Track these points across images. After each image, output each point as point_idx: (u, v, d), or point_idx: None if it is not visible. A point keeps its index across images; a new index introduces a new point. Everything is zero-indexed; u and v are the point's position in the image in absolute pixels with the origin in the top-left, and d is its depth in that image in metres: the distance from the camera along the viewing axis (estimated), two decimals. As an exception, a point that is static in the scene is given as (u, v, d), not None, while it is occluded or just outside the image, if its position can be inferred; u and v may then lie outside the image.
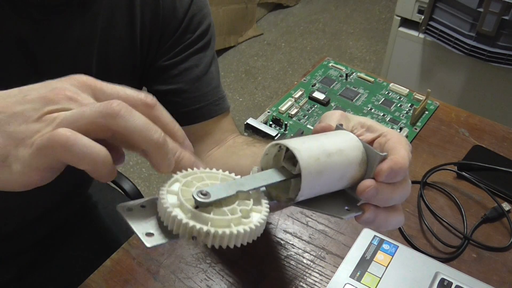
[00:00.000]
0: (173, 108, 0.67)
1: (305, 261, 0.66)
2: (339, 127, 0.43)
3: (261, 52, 2.43)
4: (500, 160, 0.80)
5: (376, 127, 0.45)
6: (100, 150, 0.33)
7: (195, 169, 0.37)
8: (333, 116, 0.46)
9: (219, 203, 0.35)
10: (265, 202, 0.37)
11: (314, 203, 0.41)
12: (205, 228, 0.32)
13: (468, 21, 1.48)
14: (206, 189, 0.35)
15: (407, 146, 0.42)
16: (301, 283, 0.64)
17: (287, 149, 0.39)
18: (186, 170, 0.37)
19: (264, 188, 0.39)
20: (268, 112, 0.89)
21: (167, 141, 0.35)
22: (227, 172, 0.39)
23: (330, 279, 0.63)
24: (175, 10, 0.63)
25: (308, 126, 0.87)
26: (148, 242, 0.33)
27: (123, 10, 0.60)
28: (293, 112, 0.88)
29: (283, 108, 0.89)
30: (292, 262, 0.66)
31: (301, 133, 0.84)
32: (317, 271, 0.65)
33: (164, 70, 0.65)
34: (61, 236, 0.81)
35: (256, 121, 0.85)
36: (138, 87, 0.70)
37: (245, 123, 0.84)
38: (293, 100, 0.91)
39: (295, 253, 0.67)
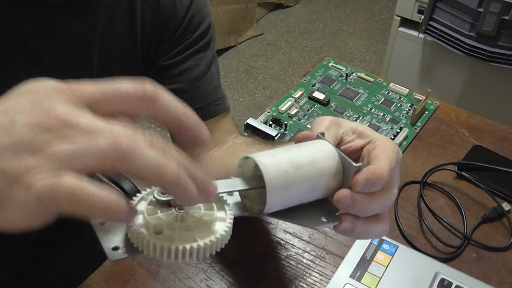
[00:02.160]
0: None
1: (305, 261, 0.66)
2: (319, 136, 0.42)
3: (261, 52, 2.43)
4: (500, 160, 0.80)
5: (367, 133, 0.45)
6: (110, 198, 0.29)
7: (141, 193, 0.37)
8: (323, 122, 0.45)
9: (184, 214, 0.35)
10: (228, 210, 0.37)
11: (288, 213, 0.40)
12: (171, 246, 0.33)
13: (468, 21, 1.48)
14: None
15: (392, 155, 0.42)
16: (301, 283, 0.64)
17: None
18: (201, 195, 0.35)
19: (239, 199, 0.40)
20: (268, 112, 0.89)
21: (182, 175, 0.31)
22: None
23: (330, 279, 0.63)
24: (176, 10, 0.63)
25: (308, 126, 0.87)
26: (112, 257, 0.34)
27: (124, 9, 0.60)
28: (293, 112, 0.88)
29: (283, 108, 0.89)
30: (292, 262, 0.66)
31: (301, 133, 0.84)
32: (317, 271, 0.65)
33: (164, 70, 0.65)
34: (61, 236, 0.81)
35: (256, 121, 0.85)
36: None
37: (245, 123, 0.84)
38: (293, 100, 0.91)
39: (295, 253, 0.67)
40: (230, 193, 0.39)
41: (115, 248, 0.34)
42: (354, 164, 0.39)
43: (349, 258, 0.65)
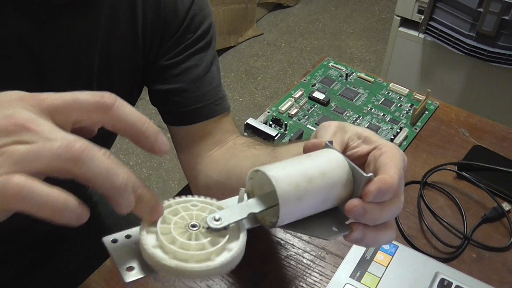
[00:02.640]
0: (173, 108, 0.67)
1: (305, 261, 0.66)
2: (328, 144, 0.42)
3: (261, 52, 2.43)
4: (500, 160, 0.80)
5: (373, 138, 0.45)
6: (59, 197, 0.30)
7: (171, 200, 0.37)
8: (329, 128, 0.45)
9: (198, 231, 0.35)
10: (242, 225, 0.37)
11: (299, 224, 0.40)
12: (187, 267, 0.33)
13: (468, 21, 1.48)
14: (219, 214, 0.36)
15: (400, 162, 0.42)
16: (301, 283, 0.64)
17: None
18: (147, 211, 0.35)
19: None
20: (268, 112, 0.89)
21: (128, 185, 0.32)
22: (202, 198, 0.38)
23: (330, 279, 0.63)
24: (177, 9, 0.63)
25: (308, 126, 0.87)
26: (127, 277, 0.33)
27: (125, 9, 0.60)
28: (293, 112, 0.88)
29: (283, 108, 0.89)
30: (292, 262, 0.66)
31: (301, 133, 0.84)
32: (317, 271, 0.65)
33: (165, 70, 0.65)
34: (61, 236, 0.81)
35: (256, 121, 0.85)
36: (140, 86, 0.70)
37: (245, 123, 0.84)
38: (293, 100, 0.91)
39: (295, 253, 0.67)
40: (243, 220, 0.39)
41: (130, 268, 0.34)
42: (365, 174, 0.39)
43: (349, 258, 0.65)
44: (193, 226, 0.35)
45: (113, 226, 0.88)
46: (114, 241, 0.35)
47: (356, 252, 0.66)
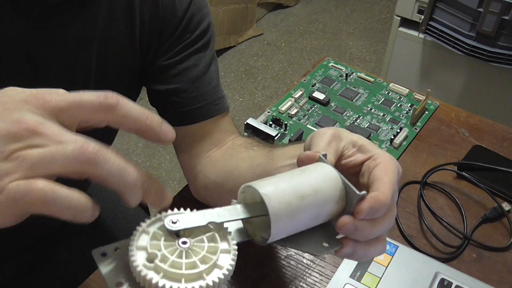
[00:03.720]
0: (172, 108, 0.67)
1: (305, 261, 0.66)
2: (322, 158, 0.42)
3: (261, 52, 2.43)
4: (500, 160, 0.80)
5: (368, 147, 0.44)
6: (80, 199, 0.31)
7: (162, 213, 0.37)
8: (324, 137, 0.44)
9: (188, 249, 0.35)
10: (231, 240, 0.37)
11: (290, 240, 0.40)
12: (179, 286, 0.33)
13: (468, 21, 1.48)
14: (177, 217, 0.35)
15: (394, 176, 0.41)
16: (301, 283, 0.64)
17: None
18: (157, 201, 0.36)
19: (241, 225, 0.39)
20: (268, 112, 0.89)
21: (138, 182, 0.33)
22: (193, 212, 0.38)
23: (330, 279, 0.63)
24: (175, 9, 0.63)
25: (308, 126, 0.87)
26: None
27: (123, 9, 0.60)
28: (293, 112, 0.88)
29: (283, 108, 0.89)
30: (292, 262, 0.66)
31: (301, 133, 0.84)
32: (317, 271, 0.65)
33: (163, 70, 0.65)
34: (61, 236, 0.81)
35: (256, 121, 0.85)
36: (138, 86, 0.70)
37: (245, 123, 0.84)
38: (293, 100, 0.91)
39: (295, 253, 0.67)
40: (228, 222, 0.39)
41: (119, 284, 0.34)
42: (358, 192, 0.39)
43: (349, 258, 0.65)
44: (184, 242, 0.35)
45: (113, 226, 0.88)
46: (104, 254, 0.35)
47: (356, 252, 0.66)
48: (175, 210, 0.37)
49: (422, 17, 1.58)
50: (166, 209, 0.37)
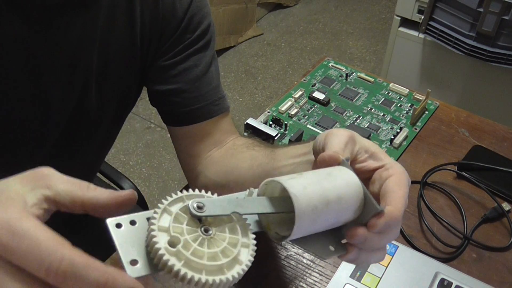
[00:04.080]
0: (172, 108, 0.67)
1: (305, 261, 0.66)
2: (345, 162, 0.42)
3: (261, 52, 2.43)
4: (500, 160, 0.80)
5: (380, 156, 0.45)
6: None
7: (184, 193, 0.36)
8: (341, 138, 0.44)
9: (210, 237, 0.34)
10: (251, 234, 0.37)
11: (300, 239, 0.40)
12: (200, 277, 0.32)
13: (468, 21, 1.48)
14: (203, 202, 0.34)
15: (406, 189, 0.42)
16: (301, 283, 0.64)
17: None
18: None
19: (256, 217, 0.39)
20: (268, 112, 0.89)
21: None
22: (215, 195, 0.37)
23: (330, 279, 0.63)
24: (175, 9, 0.63)
25: (308, 126, 0.87)
26: (132, 272, 0.32)
27: (123, 9, 0.60)
28: (293, 112, 0.88)
29: (283, 108, 0.89)
30: (292, 262, 0.66)
31: (301, 133, 0.84)
32: (317, 271, 0.65)
33: (164, 70, 0.65)
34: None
35: (256, 121, 0.85)
36: (139, 86, 0.70)
37: (245, 123, 0.84)
38: (293, 100, 0.91)
39: (295, 253, 0.67)
40: (264, 214, 0.39)
41: (134, 262, 0.32)
42: (378, 206, 0.39)
43: (349, 258, 0.65)
44: (206, 230, 0.34)
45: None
46: (119, 225, 0.33)
47: (356, 252, 0.66)
48: (196, 191, 0.36)
49: (422, 17, 1.58)
50: (187, 188, 0.36)
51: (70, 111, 0.61)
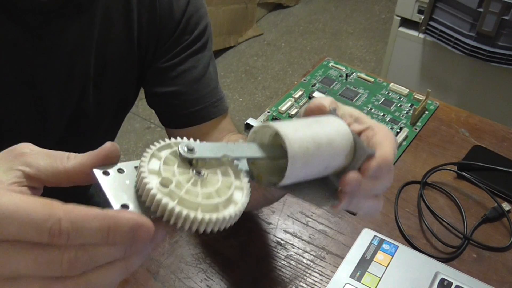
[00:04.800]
0: (171, 110, 0.67)
1: (305, 261, 0.66)
2: (332, 112, 0.42)
3: (261, 52, 2.43)
4: (500, 160, 0.80)
5: (364, 119, 0.45)
6: None
7: (171, 140, 0.35)
8: (325, 98, 0.45)
9: (203, 179, 0.33)
10: (244, 178, 0.36)
11: (294, 188, 0.40)
12: (196, 215, 0.31)
13: (468, 21, 1.48)
14: (193, 145, 0.33)
15: (393, 142, 0.42)
16: (301, 283, 0.64)
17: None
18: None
19: (247, 167, 0.38)
20: (268, 112, 0.89)
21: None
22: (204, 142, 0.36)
23: (330, 279, 0.63)
24: (172, 11, 0.63)
25: (308, 126, 0.87)
26: None
27: (120, 12, 0.60)
28: (293, 112, 0.88)
29: (283, 108, 0.89)
30: (292, 262, 0.66)
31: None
32: (317, 271, 0.65)
33: (162, 72, 0.65)
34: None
35: (256, 121, 0.85)
36: (136, 89, 0.69)
37: (245, 123, 0.84)
38: (293, 100, 0.91)
39: (295, 253, 0.67)
40: (255, 158, 0.38)
41: (125, 206, 0.31)
42: (368, 150, 0.40)
43: (349, 258, 0.65)
44: (198, 172, 0.33)
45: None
46: (106, 173, 0.32)
47: (356, 252, 0.66)
48: (162, 142, 0.35)
49: (422, 17, 1.58)
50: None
51: (68, 115, 0.61)
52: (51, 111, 0.59)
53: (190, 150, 0.33)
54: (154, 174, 0.32)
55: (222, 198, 0.33)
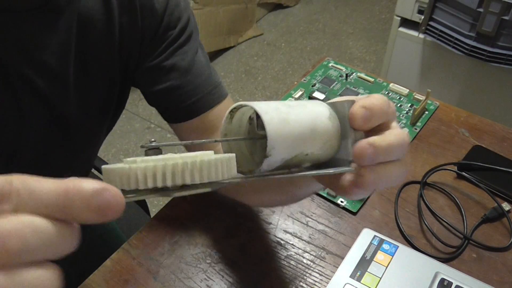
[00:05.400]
0: (171, 105, 0.67)
1: (305, 261, 0.66)
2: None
3: (261, 52, 2.43)
4: (500, 160, 0.80)
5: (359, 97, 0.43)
6: None
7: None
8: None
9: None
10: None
11: (316, 168, 0.38)
12: (178, 161, 0.29)
13: (468, 21, 1.48)
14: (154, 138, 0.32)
15: (385, 98, 0.39)
16: (301, 283, 0.64)
17: (257, 116, 0.36)
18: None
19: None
20: (268, 112, 0.89)
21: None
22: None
23: (330, 279, 0.63)
24: (153, 9, 0.62)
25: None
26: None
27: (100, 14, 0.58)
28: (293, 112, 0.88)
29: (283, 108, 0.89)
30: (292, 262, 0.66)
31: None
32: (317, 271, 0.65)
33: (152, 71, 0.65)
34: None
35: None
36: (122, 91, 0.68)
37: (245, 123, 0.84)
38: (293, 100, 0.91)
39: (295, 253, 0.67)
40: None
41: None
42: (344, 100, 0.38)
43: (349, 258, 0.65)
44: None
45: (114, 224, 0.89)
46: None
47: (356, 252, 0.66)
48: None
49: (422, 17, 1.58)
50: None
51: (47, 119, 0.60)
52: (29, 114, 0.57)
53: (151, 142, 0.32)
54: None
55: (201, 152, 0.31)
